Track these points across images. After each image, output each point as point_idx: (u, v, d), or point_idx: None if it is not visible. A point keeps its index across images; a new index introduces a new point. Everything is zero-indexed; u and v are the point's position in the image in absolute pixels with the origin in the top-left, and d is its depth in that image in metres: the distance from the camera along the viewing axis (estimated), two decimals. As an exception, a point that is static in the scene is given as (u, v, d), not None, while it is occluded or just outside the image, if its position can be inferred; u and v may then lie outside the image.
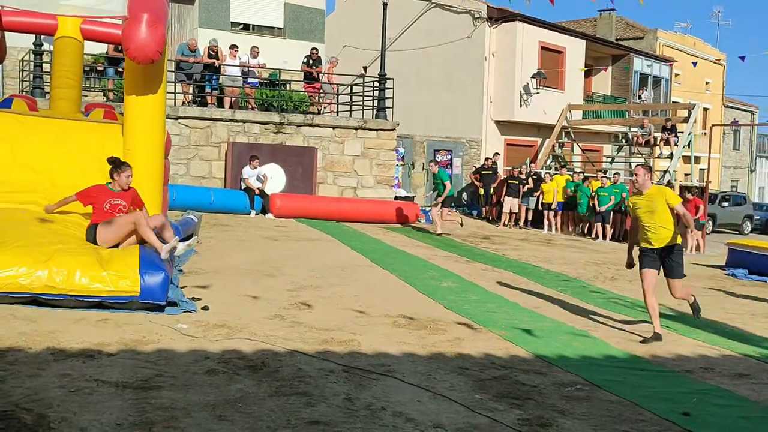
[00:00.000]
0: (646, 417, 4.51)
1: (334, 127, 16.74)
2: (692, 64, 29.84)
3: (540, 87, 23.24)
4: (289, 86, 18.78)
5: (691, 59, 31.32)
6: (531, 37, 23.53)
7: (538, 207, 18.69)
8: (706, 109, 34.44)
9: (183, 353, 5.01)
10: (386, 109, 17.63)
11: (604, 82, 28.44)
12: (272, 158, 15.43)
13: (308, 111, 17.75)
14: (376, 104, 17.78)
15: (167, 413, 3.85)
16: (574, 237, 17.76)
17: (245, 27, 19.95)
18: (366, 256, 10.59)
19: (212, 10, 19.15)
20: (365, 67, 23.01)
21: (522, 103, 23.24)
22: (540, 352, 5.92)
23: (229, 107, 16.21)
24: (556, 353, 5.91)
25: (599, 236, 17.28)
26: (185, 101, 16.06)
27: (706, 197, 18.40)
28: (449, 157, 21.86)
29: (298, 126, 16.30)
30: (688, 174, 26.15)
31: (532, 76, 23.10)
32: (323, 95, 18.43)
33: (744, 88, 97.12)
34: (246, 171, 14.77)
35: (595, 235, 17.43)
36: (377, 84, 17.85)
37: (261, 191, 14.67)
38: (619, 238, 17.19)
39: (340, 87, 18.87)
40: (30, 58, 15.16)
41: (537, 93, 23.28)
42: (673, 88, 31.05)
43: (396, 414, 4.17)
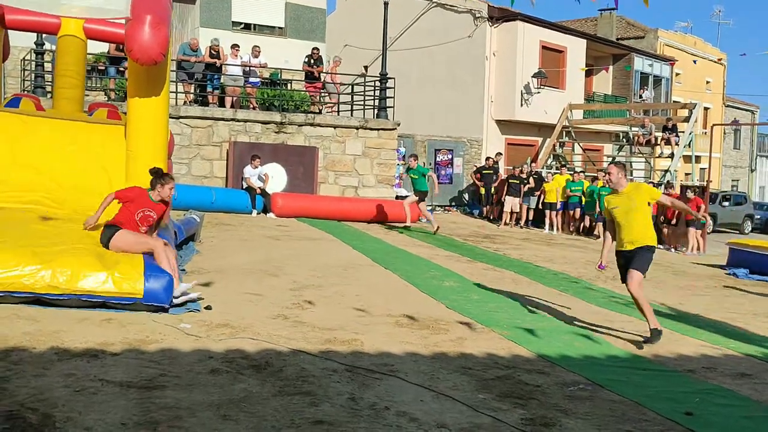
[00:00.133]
0: (649, 416, 4.51)
1: (335, 127, 16.75)
2: (693, 61, 29.83)
3: (541, 86, 23.24)
4: (290, 86, 18.79)
5: (691, 59, 31.33)
6: (532, 37, 23.53)
7: (539, 206, 18.70)
8: (706, 109, 34.43)
9: (187, 353, 5.03)
10: (387, 109, 17.64)
11: (604, 82, 28.46)
12: (273, 158, 15.43)
13: (309, 111, 17.75)
14: (377, 104, 17.78)
15: (172, 413, 3.87)
16: (575, 236, 17.77)
17: (246, 26, 19.96)
18: (367, 255, 10.58)
19: (213, 9, 19.16)
20: (366, 67, 22.99)
21: (523, 102, 23.25)
22: (542, 351, 5.92)
23: (231, 107, 16.21)
24: (558, 353, 5.92)
25: (600, 236, 17.29)
26: (187, 101, 16.06)
27: (707, 197, 18.40)
28: (450, 156, 21.86)
29: (299, 125, 16.31)
30: (688, 173, 26.14)
31: (533, 76, 23.11)
32: (327, 95, 18.43)
33: (745, 87, 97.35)
34: (247, 170, 14.77)
35: (597, 234, 17.43)
36: (378, 83, 17.85)
37: (262, 191, 14.67)
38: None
39: (341, 86, 18.88)
40: (31, 57, 15.17)
41: (538, 92, 23.29)
42: (673, 88, 31.06)
43: (400, 414, 4.18)
